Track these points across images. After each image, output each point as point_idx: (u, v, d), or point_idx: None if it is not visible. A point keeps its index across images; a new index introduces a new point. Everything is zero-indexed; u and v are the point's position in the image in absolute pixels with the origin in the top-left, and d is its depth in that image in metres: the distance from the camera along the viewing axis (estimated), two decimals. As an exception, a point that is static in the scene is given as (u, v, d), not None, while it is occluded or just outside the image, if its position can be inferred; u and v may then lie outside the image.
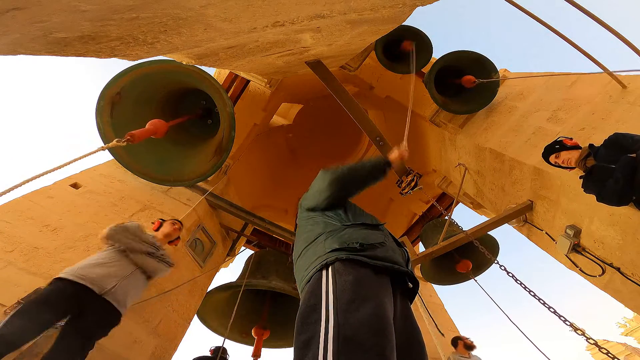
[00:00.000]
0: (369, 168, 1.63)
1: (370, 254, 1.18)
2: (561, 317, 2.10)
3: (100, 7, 0.83)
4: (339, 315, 0.93)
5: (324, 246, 1.23)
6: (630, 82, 2.74)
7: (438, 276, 4.76)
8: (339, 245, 1.20)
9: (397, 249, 1.35)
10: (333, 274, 1.09)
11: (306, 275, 1.18)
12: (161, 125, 2.22)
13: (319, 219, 1.47)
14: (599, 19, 2.29)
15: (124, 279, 2.14)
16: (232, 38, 1.47)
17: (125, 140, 1.79)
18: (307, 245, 1.33)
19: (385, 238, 1.33)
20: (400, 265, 1.23)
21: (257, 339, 3.47)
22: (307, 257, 1.26)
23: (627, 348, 20.69)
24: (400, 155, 1.77)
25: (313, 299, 1.03)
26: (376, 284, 1.10)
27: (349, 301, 0.98)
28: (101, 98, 2.61)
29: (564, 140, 2.31)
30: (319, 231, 1.36)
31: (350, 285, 1.04)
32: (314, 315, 0.97)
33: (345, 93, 2.86)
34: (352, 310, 0.94)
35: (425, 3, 1.55)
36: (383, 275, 1.15)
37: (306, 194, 1.69)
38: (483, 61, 3.98)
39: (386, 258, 1.20)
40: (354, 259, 1.14)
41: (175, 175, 3.10)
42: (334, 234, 1.31)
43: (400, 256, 1.31)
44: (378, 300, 1.01)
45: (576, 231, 2.71)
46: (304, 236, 1.42)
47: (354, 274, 1.09)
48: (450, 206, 5.48)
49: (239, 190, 5.16)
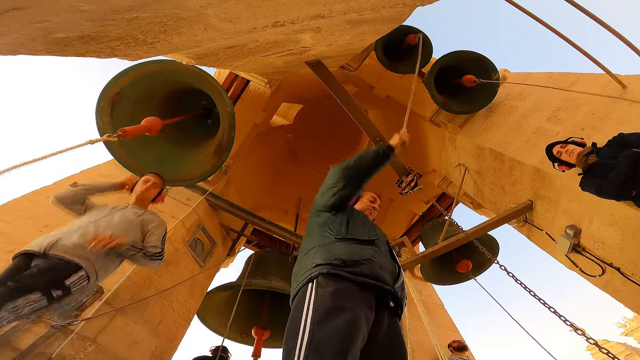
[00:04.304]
0: (373, 153, 1.70)
1: (353, 270, 1.22)
2: (561, 317, 2.10)
3: (100, 7, 0.83)
4: (315, 326, 1.02)
5: (312, 260, 1.30)
6: (630, 82, 2.74)
7: (438, 276, 4.76)
8: (322, 260, 1.26)
9: (387, 265, 1.37)
10: (316, 287, 1.17)
11: (296, 286, 1.27)
12: (155, 123, 2.22)
13: (320, 226, 1.52)
14: (599, 19, 2.29)
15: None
16: (232, 38, 1.47)
17: (117, 136, 1.80)
18: (305, 253, 1.40)
19: (375, 254, 1.36)
20: (385, 283, 1.26)
21: (257, 339, 3.47)
22: (300, 267, 1.34)
23: (627, 348, 20.67)
24: (402, 139, 1.87)
25: (296, 313, 1.13)
26: (356, 297, 1.15)
27: (326, 312, 1.06)
28: (101, 98, 2.60)
29: (575, 138, 2.37)
30: (314, 243, 1.42)
31: (329, 296, 1.11)
32: (295, 327, 1.05)
33: (345, 93, 2.86)
34: (327, 320, 1.03)
35: (425, 3, 1.55)
36: (367, 291, 1.20)
37: (318, 193, 1.72)
38: (483, 61, 3.98)
39: (370, 275, 1.23)
40: (336, 273, 1.20)
41: (175, 175, 3.10)
42: (323, 247, 1.36)
43: (389, 273, 1.33)
44: (353, 312, 1.07)
45: (576, 231, 2.71)
46: (304, 244, 1.50)
47: (335, 286, 1.16)
48: (450, 206, 5.48)
49: (239, 190, 5.16)
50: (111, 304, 2.35)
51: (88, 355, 2.08)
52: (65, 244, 1.80)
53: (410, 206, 6.59)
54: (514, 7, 2.50)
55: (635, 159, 1.83)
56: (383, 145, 1.75)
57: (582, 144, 2.29)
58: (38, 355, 1.86)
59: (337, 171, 1.63)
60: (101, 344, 2.20)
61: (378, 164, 1.69)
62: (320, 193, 1.67)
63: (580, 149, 2.24)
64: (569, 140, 2.37)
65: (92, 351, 2.12)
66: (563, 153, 2.34)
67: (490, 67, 3.96)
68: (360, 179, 1.64)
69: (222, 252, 4.23)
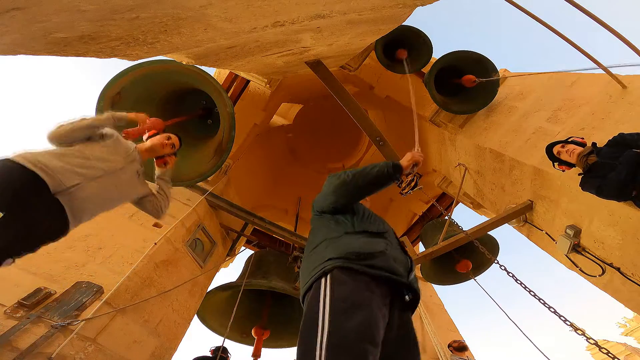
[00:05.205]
0: (376, 174, 1.53)
1: (368, 263, 1.19)
2: (561, 317, 2.10)
3: (100, 7, 0.83)
4: (334, 324, 0.98)
5: (324, 254, 1.25)
6: (630, 82, 2.74)
7: (438, 276, 4.76)
8: (336, 254, 1.22)
9: (400, 258, 1.32)
10: (331, 282, 1.12)
11: (308, 280, 1.21)
12: (158, 124, 2.22)
13: (326, 222, 1.48)
14: (599, 19, 2.29)
15: (93, 179, 1.59)
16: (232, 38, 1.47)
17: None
18: (313, 249, 1.35)
19: (387, 246, 1.32)
20: (400, 275, 1.22)
21: (257, 339, 3.47)
22: (311, 262, 1.28)
23: (627, 348, 20.67)
24: (414, 159, 1.67)
25: (312, 309, 1.08)
26: (371, 292, 1.11)
27: (343, 310, 1.02)
28: (101, 98, 2.60)
29: (575, 138, 2.37)
30: (323, 237, 1.37)
31: (346, 294, 1.08)
32: (312, 326, 1.01)
33: (345, 93, 2.85)
34: (344, 320, 0.99)
35: (425, 3, 1.55)
36: (381, 284, 1.16)
37: (317, 196, 1.69)
38: (483, 61, 3.98)
39: (384, 268, 1.20)
40: (350, 267, 1.16)
41: (175, 175, 3.09)
42: (334, 241, 1.31)
43: (402, 265, 1.28)
44: (370, 309, 1.04)
45: (576, 231, 2.71)
46: (311, 239, 1.44)
47: (350, 282, 1.12)
48: (450, 206, 5.48)
49: (239, 190, 5.16)
50: (111, 304, 2.34)
51: (88, 355, 2.08)
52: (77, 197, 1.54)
53: (410, 206, 6.59)
54: (514, 7, 2.50)
55: (635, 160, 1.83)
56: (391, 164, 1.55)
57: (583, 144, 2.29)
58: (38, 355, 1.86)
59: (334, 184, 1.54)
60: (101, 344, 2.20)
61: (381, 185, 1.55)
62: (319, 198, 1.62)
63: (580, 148, 2.24)
64: (569, 140, 2.37)
65: (92, 351, 2.11)
66: (563, 153, 2.34)
67: (490, 67, 3.96)
68: (358, 196, 1.54)
69: (222, 252, 4.23)
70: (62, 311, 2.10)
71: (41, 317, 2.01)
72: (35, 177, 1.40)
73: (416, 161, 1.68)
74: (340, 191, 1.52)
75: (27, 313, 1.99)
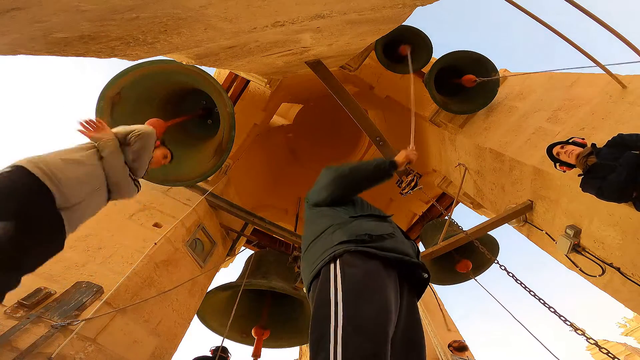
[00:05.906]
0: (372, 169, 1.58)
1: (379, 245, 1.16)
2: (561, 317, 2.10)
3: (100, 7, 0.83)
4: (348, 311, 0.95)
5: (332, 238, 1.21)
6: (630, 82, 2.74)
7: (438, 276, 4.76)
8: (347, 237, 1.18)
9: (406, 241, 1.33)
10: (342, 266, 1.09)
11: (314, 267, 1.16)
12: (159, 125, 2.22)
13: (327, 212, 1.45)
14: (599, 19, 2.29)
15: (91, 193, 1.61)
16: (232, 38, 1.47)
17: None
18: (314, 238, 1.31)
19: (394, 230, 1.32)
20: (411, 256, 1.21)
21: (257, 339, 3.47)
22: (315, 250, 1.24)
23: (627, 348, 20.67)
24: (408, 157, 1.74)
25: (323, 295, 1.04)
26: (384, 276, 1.09)
27: (357, 295, 0.99)
28: (101, 98, 2.61)
29: (576, 138, 2.37)
30: (327, 223, 1.33)
31: (359, 279, 1.04)
32: (325, 312, 0.98)
33: (345, 93, 2.85)
34: (359, 305, 0.96)
35: (425, 3, 1.55)
36: (391, 268, 1.15)
37: (311, 189, 1.68)
38: (483, 61, 3.98)
39: (396, 249, 1.18)
40: (362, 250, 1.13)
41: (175, 175, 3.10)
42: (342, 226, 1.28)
43: (410, 248, 1.28)
44: (384, 294, 1.02)
45: (576, 231, 2.71)
46: (311, 229, 1.39)
47: (362, 266, 1.09)
48: (450, 206, 5.48)
49: (239, 190, 5.16)
50: (111, 304, 2.34)
51: (88, 355, 2.08)
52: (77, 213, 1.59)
53: (410, 206, 6.59)
54: (514, 7, 2.50)
55: (635, 161, 1.83)
56: (387, 161, 1.63)
57: (583, 145, 2.29)
58: (38, 355, 1.86)
59: (330, 176, 1.55)
60: (101, 344, 2.20)
61: (376, 180, 1.60)
62: (314, 191, 1.61)
63: (579, 149, 2.24)
64: (570, 141, 2.37)
65: (92, 351, 2.11)
66: (562, 154, 2.34)
67: (490, 67, 3.96)
68: (354, 189, 1.56)
69: (222, 252, 4.23)
70: (62, 311, 2.10)
71: (41, 317, 2.01)
72: (43, 190, 1.41)
73: (410, 159, 1.75)
74: (337, 183, 1.52)
75: (27, 313, 1.99)
